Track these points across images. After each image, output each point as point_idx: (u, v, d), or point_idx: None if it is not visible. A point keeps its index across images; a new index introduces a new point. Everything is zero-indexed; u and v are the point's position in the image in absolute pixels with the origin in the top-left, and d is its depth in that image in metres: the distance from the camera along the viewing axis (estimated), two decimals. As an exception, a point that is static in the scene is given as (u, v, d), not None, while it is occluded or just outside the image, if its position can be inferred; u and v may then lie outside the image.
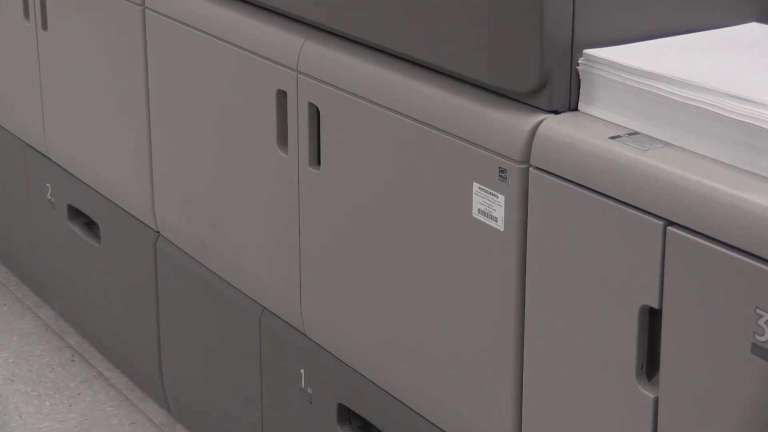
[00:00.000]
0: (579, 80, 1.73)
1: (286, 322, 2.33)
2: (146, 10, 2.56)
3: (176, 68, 2.51)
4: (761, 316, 1.43)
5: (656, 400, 1.59)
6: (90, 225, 3.08)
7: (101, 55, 2.78)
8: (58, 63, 2.99)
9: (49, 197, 3.20)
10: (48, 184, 3.20)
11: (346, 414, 2.24)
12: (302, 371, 2.30)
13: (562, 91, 1.73)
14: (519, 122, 1.74)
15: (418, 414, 2.03)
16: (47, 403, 3.02)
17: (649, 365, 1.61)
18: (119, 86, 2.72)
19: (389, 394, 2.09)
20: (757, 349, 1.44)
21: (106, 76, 2.77)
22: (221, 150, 2.40)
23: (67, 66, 2.95)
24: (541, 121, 1.72)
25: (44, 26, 3.01)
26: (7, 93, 3.32)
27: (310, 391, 2.29)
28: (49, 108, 3.08)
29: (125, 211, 2.84)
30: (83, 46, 2.85)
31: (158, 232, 2.72)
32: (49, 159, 3.16)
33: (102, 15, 2.74)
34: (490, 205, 1.78)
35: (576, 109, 1.74)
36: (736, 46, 1.76)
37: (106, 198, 2.92)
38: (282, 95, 2.20)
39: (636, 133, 1.65)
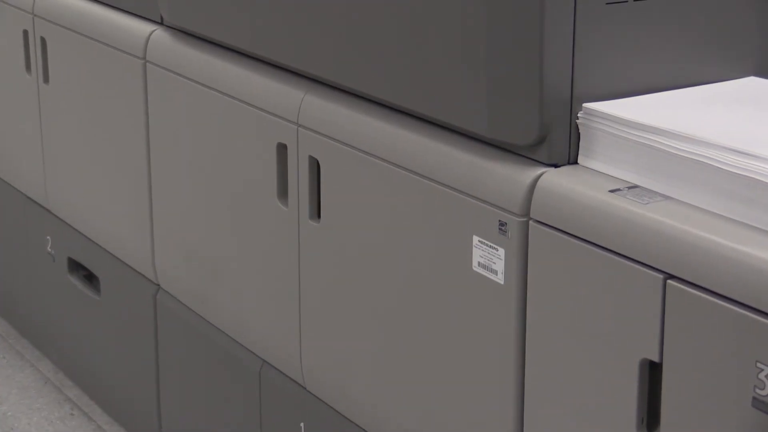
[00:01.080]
0: (578, 134, 1.74)
1: (286, 375, 2.32)
2: (147, 63, 2.58)
3: (177, 121, 2.52)
4: (762, 370, 1.43)
5: (657, 454, 1.59)
6: (90, 278, 3.08)
7: (102, 107, 2.79)
8: (59, 116, 3.00)
9: (49, 250, 3.20)
10: (48, 237, 3.20)
11: (345, 468, 2.23)
12: (302, 425, 2.30)
13: (561, 145, 1.74)
14: (519, 175, 1.74)
15: (419, 468, 2.02)
16: (46, 457, 3.01)
17: (650, 418, 1.60)
18: (120, 139, 2.73)
19: (389, 447, 2.08)
20: (758, 403, 1.44)
21: (107, 128, 2.78)
22: (221, 202, 2.41)
23: (68, 118, 2.96)
24: (540, 175, 1.72)
25: (46, 79, 3.02)
26: (8, 145, 3.32)
27: (309, 444, 2.28)
28: (49, 160, 3.08)
29: (125, 263, 2.84)
30: (84, 99, 2.86)
31: (158, 284, 2.72)
32: (50, 211, 3.16)
33: (103, 68, 2.75)
34: (490, 258, 1.78)
35: (576, 162, 1.75)
36: (735, 100, 1.77)
37: (106, 251, 2.92)
38: (282, 148, 2.20)
39: (636, 186, 1.65)
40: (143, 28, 2.61)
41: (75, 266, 3.12)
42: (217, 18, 2.35)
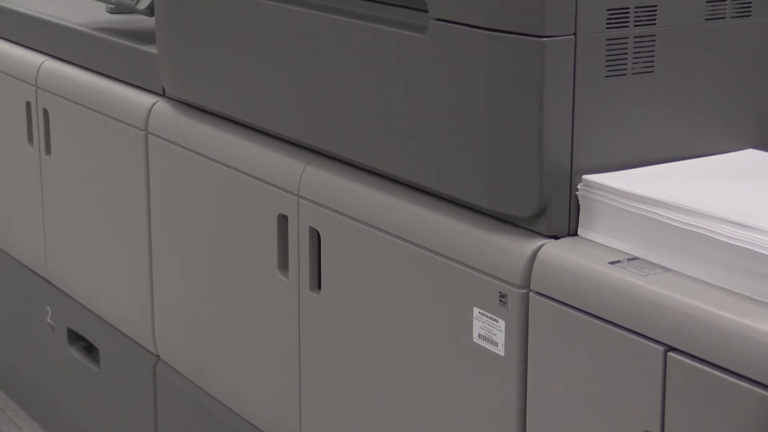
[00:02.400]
0: (578, 205, 1.74)
1: (286, 448, 2.31)
2: (149, 135, 2.59)
3: (178, 192, 2.52)
4: (763, 443, 1.43)
5: None
6: (89, 349, 3.07)
7: (103, 179, 2.80)
8: (60, 187, 3.01)
9: (49, 321, 3.20)
10: (48, 308, 3.20)
11: None
12: (301, 497, 2.28)
13: (561, 217, 1.74)
14: (519, 247, 1.74)
15: None
16: None
17: (652, 492, 1.60)
18: (121, 210, 2.74)
19: None
20: (760, 476, 1.43)
21: (108, 199, 2.79)
22: (222, 273, 2.41)
23: (70, 190, 2.97)
24: (540, 246, 1.73)
25: (48, 151, 3.03)
26: (9, 216, 3.33)
27: None
28: (50, 231, 3.09)
29: (125, 334, 2.83)
30: (86, 170, 2.88)
31: (158, 355, 2.72)
32: (50, 282, 3.16)
33: (105, 139, 2.77)
34: (490, 330, 1.78)
35: (575, 234, 1.75)
36: (733, 172, 1.78)
37: (106, 321, 2.91)
38: (283, 219, 2.21)
39: (635, 258, 1.66)
40: (145, 99, 2.62)
41: (75, 337, 3.11)
42: (218, 90, 2.36)
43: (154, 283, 2.65)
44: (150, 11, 2.64)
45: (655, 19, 1.76)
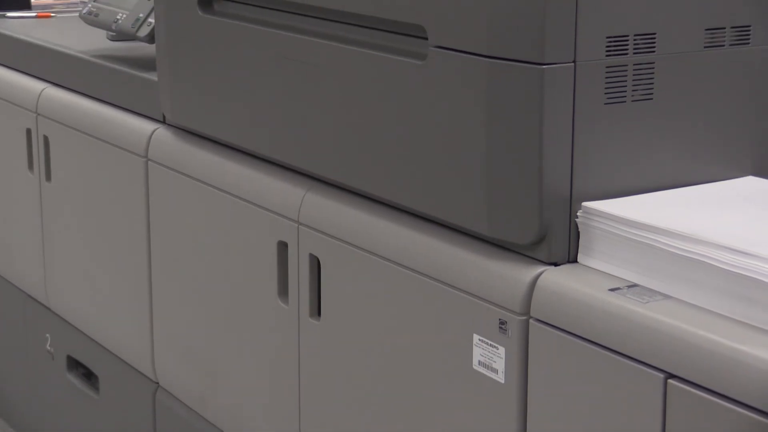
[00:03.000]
0: (578, 232, 1.74)
1: (285, 475, 2.31)
2: (149, 162, 2.59)
3: (178, 219, 2.53)
4: (764, 470, 1.42)
5: None
6: (89, 376, 3.07)
7: (103, 206, 2.80)
8: (60, 214, 3.01)
9: (49, 348, 3.19)
10: (47, 335, 3.19)
11: None
12: None
13: (561, 244, 1.74)
14: (519, 274, 1.74)
15: None
16: None
17: None
18: (121, 236, 2.74)
19: None
20: (761, 504, 1.43)
21: (108, 226, 2.79)
22: (221, 300, 2.41)
23: (70, 217, 2.97)
24: (540, 273, 1.73)
25: (48, 177, 3.04)
26: (9, 243, 3.33)
27: None
28: (50, 258, 3.09)
29: (124, 361, 2.83)
30: (86, 197, 2.88)
31: (157, 383, 2.71)
32: (49, 309, 3.16)
33: (105, 166, 2.77)
34: (490, 357, 1.77)
35: (575, 261, 1.75)
36: (733, 200, 1.78)
37: (106, 349, 2.91)
38: (283, 246, 2.21)
39: (635, 285, 1.66)
40: (145, 126, 2.63)
41: (74, 364, 3.11)
42: (218, 117, 2.37)
43: (153, 309, 2.65)
44: (150, 38, 2.65)
45: (654, 47, 1.76)
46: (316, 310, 2.15)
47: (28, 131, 3.10)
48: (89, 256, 2.90)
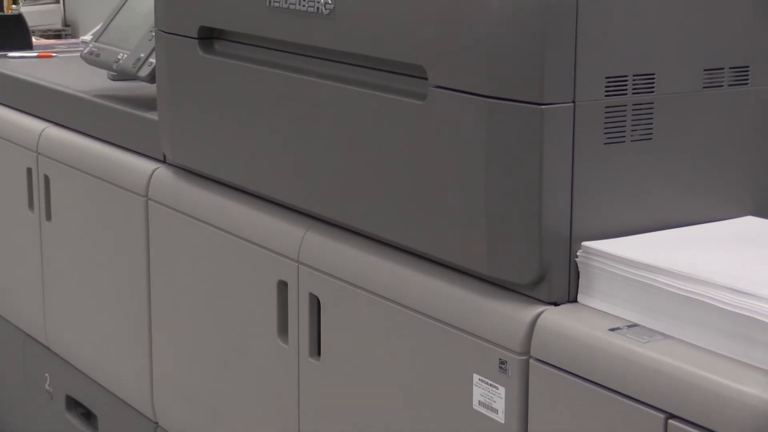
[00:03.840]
0: (578, 272, 1.74)
1: None
2: (149, 201, 2.60)
3: (178, 258, 2.53)
4: None
5: None
6: (88, 416, 3.06)
7: (104, 244, 2.80)
8: (60, 253, 3.01)
9: (48, 387, 3.19)
10: (46, 374, 3.19)
11: None
12: None
13: (561, 283, 1.74)
14: (519, 314, 1.74)
15: None
16: None
17: None
18: (121, 276, 2.74)
19: None
20: None
21: (108, 265, 2.79)
22: (221, 340, 2.40)
23: (70, 256, 2.97)
24: (540, 313, 1.73)
25: (48, 217, 3.04)
26: (9, 282, 3.33)
27: None
28: (49, 298, 3.09)
29: (124, 401, 2.82)
30: (86, 236, 2.88)
31: (156, 422, 2.70)
32: (49, 349, 3.16)
33: (105, 205, 2.77)
34: (490, 397, 1.77)
35: (575, 300, 1.75)
36: (733, 240, 1.78)
37: (105, 388, 2.90)
38: (283, 285, 2.21)
39: (635, 325, 1.66)
40: (146, 166, 2.63)
41: (73, 404, 3.10)
42: (219, 156, 2.37)
43: (153, 349, 2.65)
44: (151, 78, 2.66)
45: (653, 87, 1.77)
46: (316, 350, 2.15)
47: (29, 170, 3.10)
48: (89, 295, 2.90)
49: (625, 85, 1.75)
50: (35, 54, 3.63)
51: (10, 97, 3.28)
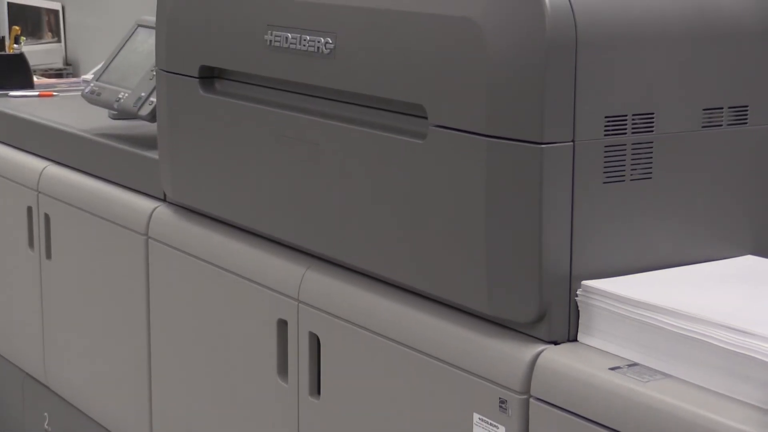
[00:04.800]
0: (578, 311, 1.74)
1: None
2: (149, 240, 2.60)
3: (178, 296, 2.52)
4: None
5: None
6: (87, 455, 3.05)
7: (104, 283, 2.80)
8: (60, 292, 3.01)
9: (47, 427, 3.18)
10: (45, 413, 3.18)
11: None
12: None
13: (561, 322, 1.74)
14: (519, 353, 1.74)
15: None
16: None
17: None
18: (121, 315, 2.74)
19: None
20: None
21: (108, 304, 2.79)
22: (221, 378, 2.40)
23: (70, 295, 2.97)
24: (540, 352, 1.72)
25: (48, 255, 3.04)
26: (8, 321, 3.33)
27: None
28: (49, 337, 3.08)
29: (123, 440, 2.82)
30: (86, 275, 2.88)
31: (156, 462, 2.70)
32: (48, 388, 3.15)
33: (106, 244, 2.77)
34: (490, 436, 1.77)
35: (575, 339, 1.75)
36: (732, 279, 1.78)
37: (104, 428, 2.89)
38: (283, 324, 2.21)
39: (636, 364, 1.65)
40: (146, 204, 2.64)
41: (72, 443, 3.10)
42: (219, 195, 2.38)
43: (153, 388, 2.64)
44: (152, 117, 2.66)
45: (652, 127, 1.77)
46: (316, 389, 2.14)
47: (29, 209, 3.11)
48: (88, 334, 2.90)
49: (625, 124, 1.75)
50: (36, 93, 3.65)
51: (11, 136, 3.29)
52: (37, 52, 5.01)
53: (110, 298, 2.78)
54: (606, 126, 1.74)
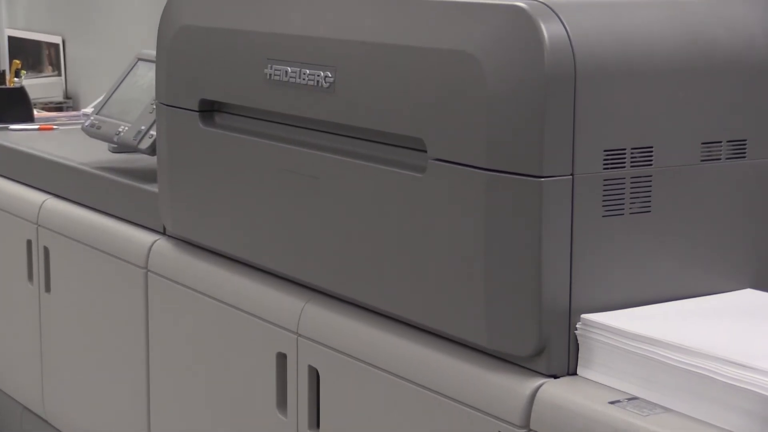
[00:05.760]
0: (577, 344, 1.74)
1: None
2: (149, 273, 2.60)
3: (177, 329, 2.52)
4: None
5: None
6: (85, 488, 3.04)
7: (103, 316, 2.80)
8: (59, 325, 3.01)
9: (45, 460, 3.17)
10: (44, 447, 3.17)
11: None
12: None
13: (560, 356, 1.74)
14: (518, 386, 1.74)
15: None
16: None
17: None
18: (119, 348, 2.73)
19: None
20: None
21: (107, 337, 2.79)
22: (220, 411, 2.39)
23: (69, 328, 2.96)
24: (540, 386, 1.72)
25: (47, 288, 3.04)
26: (7, 354, 3.32)
27: None
28: (48, 370, 3.08)
29: (121, 474, 2.81)
30: (85, 308, 2.88)
31: (154, 496, 2.69)
32: (47, 422, 3.14)
33: (105, 277, 2.77)
34: (490, 470, 1.76)
35: (575, 373, 1.75)
36: (732, 313, 1.78)
37: (103, 461, 2.89)
38: (282, 358, 2.20)
39: (635, 398, 1.65)
40: (145, 238, 2.64)
41: (70, 477, 3.09)
42: (218, 228, 2.38)
43: (151, 421, 2.64)
44: (152, 150, 2.67)
45: (651, 161, 1.78)
46: (315, 423, 2.14)
47: (29, 242, 3.11)
48: (88, 367, 2.89)
49: (624, 158, 1.75)
50: (36, 126, 3.65)
51: (12, 170, 3.30)
52: (37, 85, 5.02)
53: (109, 331, 2.78)
54: (605, 160, 1.74)
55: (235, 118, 2.32)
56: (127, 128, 2.79)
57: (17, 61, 4.51)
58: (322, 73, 2.04)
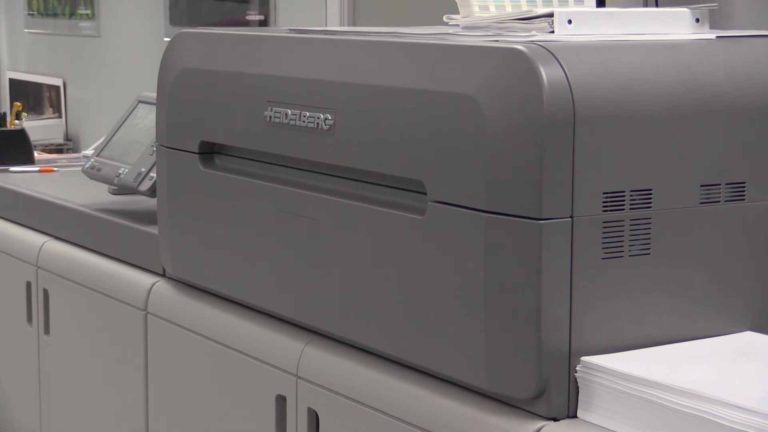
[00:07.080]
0: (577, 387, 1.74)
1: None
2: (148, 315, 2.60)
3: (176, 372, 2.52)
4: None
5: None
6: None
7: (102, 359, 2.79)
8: (58, 366, 3.00)
9: (43, 503, 3.16)
10: (42, 490, 3.16)
11: None
12: None
13: (560, 398, 1.74)
14: (518, 429, 1.73)
15: None
16: None
17: None
18: (119, 390, 2.73)
19: None
20: None
21: (107, 379, 2.78)
22: (219, 455, 2.39)
23: (68, 370, 2.96)
24: (540, 429, 1.72)
25: (47, 330, 3.03)
26: (6, 396, 3.31)
27: None
28: (47, 412, 3.07)
29: None
30: (84, 350, 2.87)
31: None
32: (45, 464, 3.13)
33: (104, 319, 2.77)
34: None
35: (575, 416, 1.74)
36: (732, 355, 1.78)
37: (101, 504, 2.88)
38: (281, 400, 2.20)
39: (636, 440, 1.65)
40: (145, 280, 2.64)
41: None
42: (218, 270, 2.38)
43: (150, 464, 2.63)
44: (152, 192, 2.67)
45: (650, 203, 1.78)
46: (315, 465, 2.13)
47: (28, 284, 3.11)
48: (87, 409, 2.88)
49: (623, 200, 1.76)
50: (37, 168, 3.66)
51: (12, 212, 3.30)
52: (38, 127, 5.04)
53: (109, 374, 2.77)
54: (604, 202, 1.74)
55: (236, 160, 2.33)
56: (127, 170, 2.79)
57: (18, 104, 4.53)
58: (321, 116, 2.04)
